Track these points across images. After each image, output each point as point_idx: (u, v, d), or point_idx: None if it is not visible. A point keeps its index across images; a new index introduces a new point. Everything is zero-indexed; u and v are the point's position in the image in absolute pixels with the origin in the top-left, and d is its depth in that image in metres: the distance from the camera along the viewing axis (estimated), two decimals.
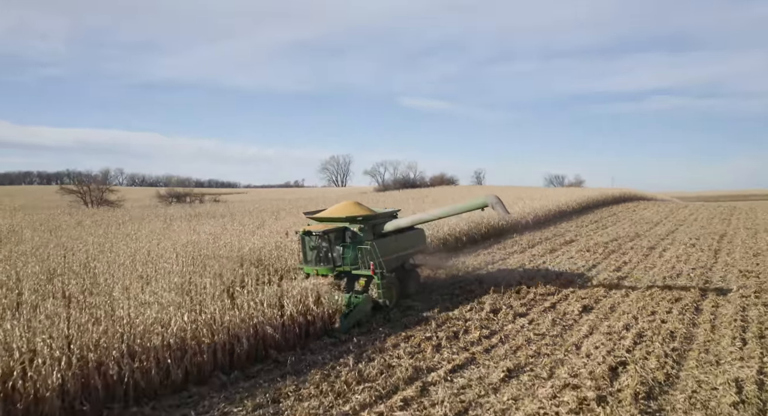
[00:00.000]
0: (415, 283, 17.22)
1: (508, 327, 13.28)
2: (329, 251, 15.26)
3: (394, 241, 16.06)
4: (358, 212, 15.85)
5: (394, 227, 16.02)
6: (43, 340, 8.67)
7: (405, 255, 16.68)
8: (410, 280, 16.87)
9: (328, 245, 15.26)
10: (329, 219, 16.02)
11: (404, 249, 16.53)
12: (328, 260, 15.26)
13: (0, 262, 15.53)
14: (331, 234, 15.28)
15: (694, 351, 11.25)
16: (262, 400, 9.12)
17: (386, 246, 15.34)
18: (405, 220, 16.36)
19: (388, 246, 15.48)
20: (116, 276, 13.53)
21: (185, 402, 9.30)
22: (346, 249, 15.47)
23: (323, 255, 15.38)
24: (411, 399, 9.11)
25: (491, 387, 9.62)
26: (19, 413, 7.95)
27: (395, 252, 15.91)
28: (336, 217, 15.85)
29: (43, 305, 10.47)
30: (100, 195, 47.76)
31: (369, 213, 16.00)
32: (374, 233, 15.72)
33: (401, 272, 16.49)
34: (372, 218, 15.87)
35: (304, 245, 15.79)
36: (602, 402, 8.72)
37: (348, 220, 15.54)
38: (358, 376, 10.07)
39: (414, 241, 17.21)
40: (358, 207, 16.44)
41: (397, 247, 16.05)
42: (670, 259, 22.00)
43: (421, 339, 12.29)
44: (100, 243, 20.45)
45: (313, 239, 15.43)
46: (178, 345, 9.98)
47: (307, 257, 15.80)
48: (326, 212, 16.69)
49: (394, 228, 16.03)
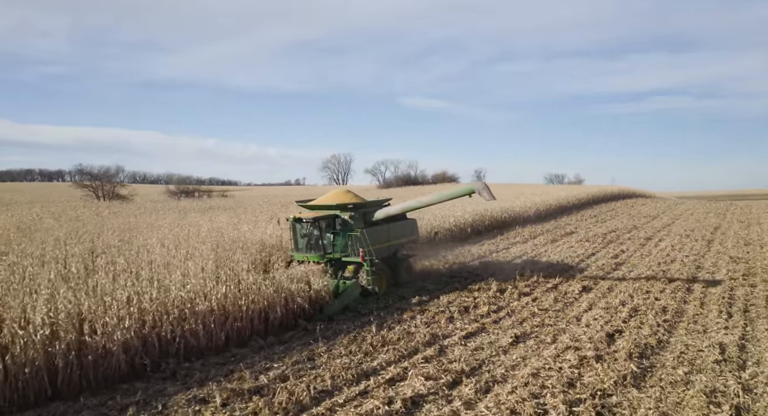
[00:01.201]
0: (407, 273, 17.36)
1: (514, 304, 14.43)
2: (320, 238, 15.45)
3: (385, 230, 16.28)
4: (348, 200, 16.05)
5: (384, 215, 16.13)
6: (107, 302, 9.82)
7: (396, 245, 16.90)
8: (401, 269, 16.97)
9: (318, 232, 15.45)
10: (320, 207, 16.23)
11: (395, 239, 16.74)
12: (318, 247, 15.44)
13: (43, 244, 16.63)
14: (322, 221, 15.49)
15: (684, 322, 12.40)
16: (299, 358, 10.27)
17: (377, 235, 15.56)
18: (395, 208, 16.28)
19: (378, 234, 15.71)
20: (153, 254, 14.67)
21: (229, 360, 10.44)
22: (337, 236, 15.76)
23: (314, 242, 15.56)
24: (431, 357, 10.26)
25: (501, 349, 10.77)
26: (90, 363, 9.10)
27: (386, 240, 16.16)
28: (327, 205, 16.06)
29: (95, 276, 11.59)
30: (112, 189, 48.88)
31: (359, 201, 16.26)
32: (365, 221, 15.91)
33: (392, 261, 16.71)
34: (362, 206, 16.10)
35: (295, 232, 15.96)
36: (600, 359, 9.87)
37: (338, 208, 15.76)
38: (382, 340, 11.23)
39: (405, 231, 17.39)
40: (349, 195, 16.62)
41: (388, 236, 16.29)
42: (665, 248, 23.18)
43: (435, 312, 13.45)
44: (127, 230, 21.55)
45: (304, 226, 15.61)
46: (220, 311, 11.12)
47: (298, 244, 15.96)
48: (317, 200, 16.87)
49: (384, 216, 16.16)
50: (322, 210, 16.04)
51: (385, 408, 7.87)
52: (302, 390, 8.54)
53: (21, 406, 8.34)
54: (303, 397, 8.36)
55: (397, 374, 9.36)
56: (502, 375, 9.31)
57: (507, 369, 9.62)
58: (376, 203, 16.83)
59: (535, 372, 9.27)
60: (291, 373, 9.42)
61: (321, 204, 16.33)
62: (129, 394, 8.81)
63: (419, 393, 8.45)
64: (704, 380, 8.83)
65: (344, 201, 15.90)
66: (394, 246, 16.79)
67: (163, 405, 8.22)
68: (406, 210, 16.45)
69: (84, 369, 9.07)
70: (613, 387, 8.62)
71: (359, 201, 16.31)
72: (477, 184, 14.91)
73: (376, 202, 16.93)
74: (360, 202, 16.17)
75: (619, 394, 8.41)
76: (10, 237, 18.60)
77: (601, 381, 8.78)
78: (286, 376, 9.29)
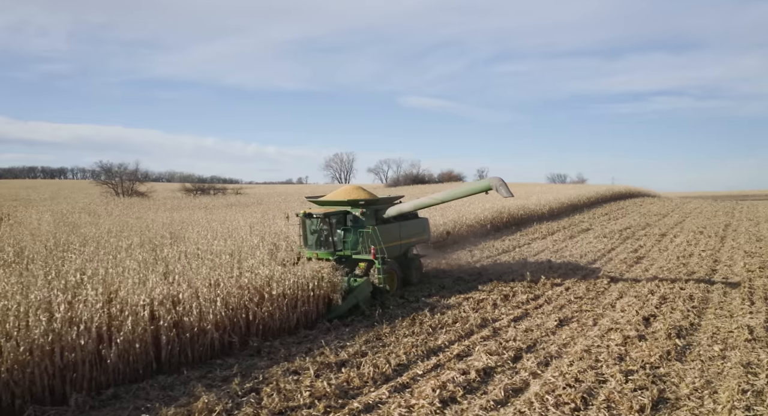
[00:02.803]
0: (418, 273, 16.97)
1: (549, 293, 15.49)
2: (330, 235, 15.08)
3: (397, 228, 15.91)
4: (360, 196, 15.60)
5: (396, 212, 15.75)
6: (199, 286, 10.88)
7: (407, 244, 16.52)
8: (412, 269, 16.59)
9: (329, 229, 15.08)
10: (331, 203, 15.87)
11: (407, 237, 16.38)
12: (328, 244, 15.12)
13: (103, 236, 17.68)
14: (333, 217, 15.09)
15: (711, 308, 13.48)
16: (368, 338, 11.32)
17: (388, 233, 15.24)
18: (408, 205, 15.83)
19: (390, 232, 15.40)
20: (211, 245, 15.72)
21: (303, 340, 11.50)
22: (347, 233, 15.32)
23: (324, 239, 15.24)
24: (487, 337, 11.34)
25: (549, 330, 11.84)
26: (187, 340, 10.16)
27: (397, 239, 15.83)
28: (338, 201, 15.68)
29: (179, 263, 12.66)
30: (131, 186, 49.92)
31: (371, 198, 15.83)
32: (376, 218, 15.55)
33: (403, 260, 16.32)
34: (374, 202, 15.69)
35: (305, 228, 15.58)
36: (642, 339, 10.95)
37: (350, 204, 15.39)
38: (438, 323, 12.30)
39: (417, 230, 17.00)
40: (360, 191, 16.18)
41: (399, 234, 15.95)
42: (681, 244, 24.28)
43: (479, 299, 14.53)
44: (168, 224, 22.60)
45: (314, 222, 15.29)
46: (291, 296, 12.18)
47: (307, 240, 15.58)
48: (328, 196, 16.43)
49: (396, 214, 15.80)
50: (332, 206, 15.76)
51: (462, 378, 8.92)
52: (384, 363, 9.60)
53: (132, 379, 9.35)
54: (386, 369, 9.41)
55: (461, 350, 10.43)
56: (557, 352, 10.39)
57: (560, 347, 10.69)
58: (388, 200, 16.53)
59: (586, 349, 10.35)
60: (367, 350, 10.49)
61: (332, 200, 16.00)
62: (225, 368, 9.85)
63: (488, 366, 9.52)
64: (738, 355, 9.90)
65: (356, 197, 15.49)
66: (405, 245, 16.43)
67: (263, 376, 9.26)
68: (419, 208, 16.12)
69: (182, 346, 10.14)
70: (658, 360, 9.69)
71: (371, 197, 15.93)
72: (494, 180, 14.16)
73: (388, 199, 16.61)
74: (372, 199, 15.75)
75: (666, 366, 9.47)
76: (56, 232, 19.59)
77: (648, 356, 9.84)
78: (364, 352, 10.35)
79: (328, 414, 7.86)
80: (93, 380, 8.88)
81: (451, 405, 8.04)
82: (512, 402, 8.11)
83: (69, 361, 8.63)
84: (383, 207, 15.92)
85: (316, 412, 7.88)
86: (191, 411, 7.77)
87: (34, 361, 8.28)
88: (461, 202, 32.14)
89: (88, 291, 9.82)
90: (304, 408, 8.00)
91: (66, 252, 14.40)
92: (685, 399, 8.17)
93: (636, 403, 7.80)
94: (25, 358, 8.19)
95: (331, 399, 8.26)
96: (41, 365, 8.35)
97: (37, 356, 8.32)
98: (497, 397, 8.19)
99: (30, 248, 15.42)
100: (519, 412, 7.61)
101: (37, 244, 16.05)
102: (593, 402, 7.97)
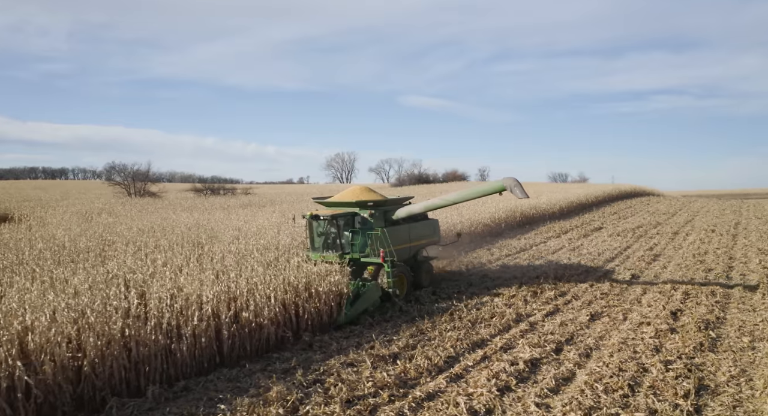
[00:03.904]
0: (428, 276, 16.63)
1: (574, 289, 16.06)
2: (338, 237, 14.75)
3: (406, 230, 15.58)
4: (368, 197, 15.29)
5: (406, 213, 15.39)
6: (256, 282, 11.47)
7: (417, 246, 16.16)
8: (422, 272, 16.22)
9: (336, 231, 14.74)
10: (338, 204, 15.49)
11: (416, 239, 16.06)
12: (336, 246, 14.81)
13: (136, 236, 18.25)
14: (340, 219, 14.73)
15: (733, 303, 14.07)
16: (412, 332, 11.90)
17: (398, 235, 14.94)
18: (418, 206, 15.48)
19: (399, 234, 15.07)
20: (247, 244, 16.30)
21: (350, 334, 12.07)
22: (356, 235, 15.01)
23: (331, 241, 14.90)
24: (526, 331, 11.92)
25: (582, 324, 12.43)
26: (246, 335, 10.73)
27: (407, 241, 15.51)
28: (345, 202, 15.30)
29: (224, 261, 13.24)
30: (143, 186, 50.48)
31: (380, 199, 15.53)
32: (385, 220, 15.23)
33: (413, 263, 15.94)
34: (383, 204, 15.38)
35: (311, 230, 15.24)
36: (673, 331, 11.53)
37: (358, 205, 15.05)
38: (476, 318, 12.88)
39: (427, 231, 16.67)
40: (368, 192, 15.89)
41: (409, 236, 15.62)
42: (695, 242, 24.88)
43: (509, 295, 15.11)
44: (194, 226, 23.15)
45: (321, 224, 14.94)
46: (335, 292, 12.76)
47: (314, 243, 15.23)
48: (335, 197, 16.10)
49: (406, 215, 15.45)
50: (339, 208, 15.37)
51: (512, 368, 9.50)
52: (435, 355, 10.18)
53: (198, 372, 9.92)
54: (437, 360, 9.98)
55: (504, 343, 11.00)
56: (595, 344, 10.98)
57: (596, 340, 11.28)
58: (397, 201, 16.16)
59: (622, 341, 10.93)
60: (414, 343, 11.07)
61: (339, 201, 15.60)
62: (283, 361, 10.42)
63: (534, 357, 10.10)
64: (767, 346, 10.50)
65: (364, 198, 15.19)
66: (415, 247, 16.09)
67: (323, 369, 9.81)
68: (429, 209, 15.74)
69: (242, 340, 10.71)
70: (693, 351, 10.27)
71: (379, 198, 15.62)
72: (508, 181, 13.69)
73: (398, 200, 16.27)
74: (381, 200, 15.45)
75: (700, 357, 10.05)
76: (89, 232, 20.14)
77: (683, 347, 10.43)
78: (412, 345, 10.93)
79: (393, 402, 8.43)
80: (164, 373, 9.46)
81: (507, 393, 8.62)
82: (564, 390, 8.69)
83: (143, 355, 9.20)
84: (392, 208, 15.62)
85: (381, 400, 8.44)
86: (266, 401, 8.33)
87: (112, 355, 8.85)
88: (476, 201, 32.72)
89: (153, 288, 10.39)
90: (369, 396, 8.56)
91: (114, 252, 14.96)
92: (724, 386, 8.75)
93: (680, 389, 8.39)
94: (105, 352, 8.76)
95: (392, 388, 8.83)
96: (119, 359, 8.92)
97: (115, 350, 8.89)
98: (549, 386, 8.76)
99: (74, 247, 15.99)
100: (573, 399, 8.18)
101: (79, 244, 16.61)
102: (639, 390, 8.55)
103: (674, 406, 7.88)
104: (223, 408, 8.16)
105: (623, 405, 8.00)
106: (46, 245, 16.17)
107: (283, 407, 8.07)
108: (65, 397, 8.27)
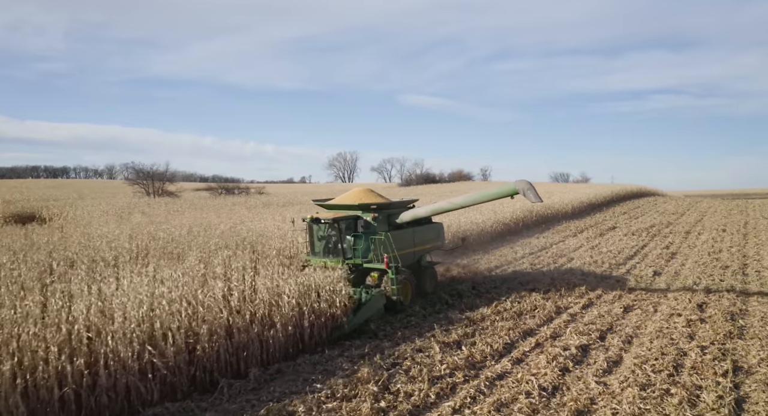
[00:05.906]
0: (432, 281, 16.11)
1: (603, 284, 17.34)
2: (339, 241, 14.25)
3: (411, 234, 15.12)
4: (371, 200, 14.76)
5: (411, 217, 14.95)
6: (329, 275, 12.72)
7: (421, 251, 15.73)
8: (426, 278, 15.74)
9: (338, 234, 14.24)
10: (340, 207, 14.95)
11: (421, 244, 15.59)
12: (337, 251, 14.31)
13: (185, 236, 19.46)
14: (342, 222, 14.20)
15: (753, 296, 15.35)
16: (466, 323, 13.13)
17: (402, 239, 14.45)
18: (424, 210, 15.03)
19: (403, 239, 14.59)
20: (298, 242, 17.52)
21: (408, 325, 13.26)
22: (358, 239, 14.43)
23: (332, 245, 14.45)
24: (568, 321, 13.18)
25: (618, 316, 13.69)
26: (322, 324, 11.97)
27: (411, 246, 15.03)
28: (348, 205, 14.74)
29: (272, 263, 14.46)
30: (161, 186, 51.68)
31: (384, 201, 15.06)
32: (389, 223, 14.73)
33: (417, 269, 15.49)
34: (387, 207, 14.88)
35: (312, 234, 14.80)
36: (703, 321, 12.80)
37: (361, 208, 14.47)
38: (520, 310, 14.13)
39: (431, 236, 16.23)
40: (371, 194, 15.36)
41: (413, 241, 15.18)
42: (708, 240, 26.19)
43: (544, 290, 16.34)
44: (234, 225, 24.32)
45: (322, 227, 14.49)
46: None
47: (314, 247, 14.80)
48: (337, 199, 15.51)
49: (411, 219, 15.01)
50: (342, 211, 14.85)
51: (566, 353, 10.76)
52: (494, 342, 11.43)
53: (282, 358, 11.12)
54: (497, 346, 11.24)
55: (552, 332, 12.26)
56: (634, 332, 12.24)
57: (634, 329, 12.54)
58: (401, 204, 15.75)
59: (658, 330, 12.20)
60: (471, 332, 12.32)
61: (341, 203, 15.05)
62: (357, 347, 11.65)
63: (582, 343, 11.36)
64: None
65: (367, 200, 14.62)
66: (420, 252, 15.66)
67: (397, 353, 11.04)
68: (436, 213, 15.20)
69: (319, 329, 11.95)
70: (723, 338, 11.53)
71: (383, 201, 15.15)
72: (521, 183, 13.37)
73: (402, 203, 15.84)
74: (384, 202, 14.98)
75: (730, 343, 11.32)
76: (135, 233, 21.25)
77: (714, 334, 11.69)
78: (470, 334, 12.17)
79: (467, 381, 9.67)
80: (260, 357, 10.69)
81: (567, 373, 9.87)
82: (615, 371, 9.95)
83: (243, 341, 10.43)
84: (396, 211, 15.08)
85: (457, 380, 9.68)
86: (359, 379, 9.56)
87: (219, 341, 10.08)
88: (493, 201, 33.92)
89: (247, 282, 11.66)
90: (447, 376, 9.78)
91: (180, 250, 16.17)
92: (756, 367, 10.01)
93: (718, 369, 9.65)
94: (213, 338, 9.99)
95: (464, 370, 10.06)
96: (225, 345, 10.15)
97: (221, 337, 10.12)
98: (602, 367, 10.02)
99: (137, 246, 17.17)
100: (627, 377, 9.43)
101: (140, 243, 17.79)
102: (682, 370, 9.80)
103: (716, 383, 9.13)
104: (319, 387, 9.37)
105: (671, 382, 9.25)
106: (115, 244, 17.33)
107: (376, 384, 9.31)
108: (183, 378, 9.51)
